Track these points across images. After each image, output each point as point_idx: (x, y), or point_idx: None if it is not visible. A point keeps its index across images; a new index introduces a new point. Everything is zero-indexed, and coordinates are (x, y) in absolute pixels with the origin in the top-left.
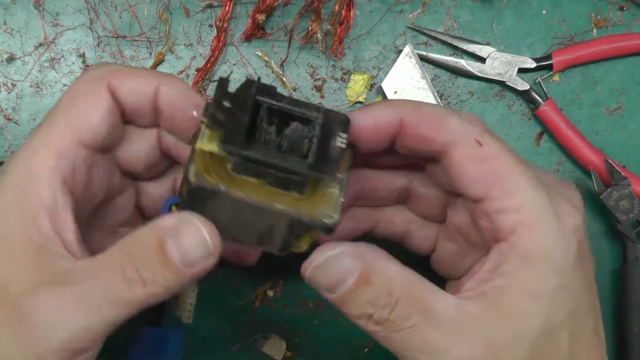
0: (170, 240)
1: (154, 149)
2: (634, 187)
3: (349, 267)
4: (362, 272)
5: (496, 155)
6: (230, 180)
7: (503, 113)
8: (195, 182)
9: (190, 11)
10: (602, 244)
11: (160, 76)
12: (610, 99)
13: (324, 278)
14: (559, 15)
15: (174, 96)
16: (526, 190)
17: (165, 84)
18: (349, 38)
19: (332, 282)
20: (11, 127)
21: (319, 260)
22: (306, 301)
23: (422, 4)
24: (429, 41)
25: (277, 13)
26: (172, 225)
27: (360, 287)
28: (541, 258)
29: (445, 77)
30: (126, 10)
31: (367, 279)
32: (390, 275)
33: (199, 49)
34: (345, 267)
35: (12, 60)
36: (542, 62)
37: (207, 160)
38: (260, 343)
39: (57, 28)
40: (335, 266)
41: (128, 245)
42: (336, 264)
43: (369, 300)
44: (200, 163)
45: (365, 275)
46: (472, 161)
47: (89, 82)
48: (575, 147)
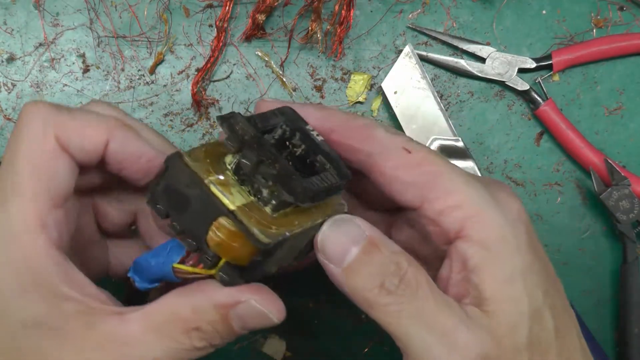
0: (236, 319)
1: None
2: (634, 187)
3: (357, 233)
4: (371, 239)
5: (425, 159)
6: (275, 221)
7: (503, 113)
8: (269, 241)
9: (190, 11)
10: (602, 244)
11: (107, 126)
12: (610, 99)
13: (333, 245)
14: (559, 15)
15: (123, 153)
16: (462, 186)
17: (114, 137)
18: (349, 38)
19: (341, 249)
20: (11, 127)
21: (330, 226)
22: (306, 301)
23: (422, 4)
24: (429, 41)
25: (277, 13)
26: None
27: (369, 254)
28: (498, 244)
29: (445, 77)
30: (126, 10)
31: (375, 244)
32: (396, 248)
33: (199, 49)
34: (354, 233)
35: (12, 60)
36: (542, 62)
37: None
38: (260, 343)
39: (57, 28)
40: (345, 232)
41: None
42: (345, 230)
43: (379, 267)
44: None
45: (373, 242)
46: (402, 168)
47: (37, 136)
48: (575, 147)
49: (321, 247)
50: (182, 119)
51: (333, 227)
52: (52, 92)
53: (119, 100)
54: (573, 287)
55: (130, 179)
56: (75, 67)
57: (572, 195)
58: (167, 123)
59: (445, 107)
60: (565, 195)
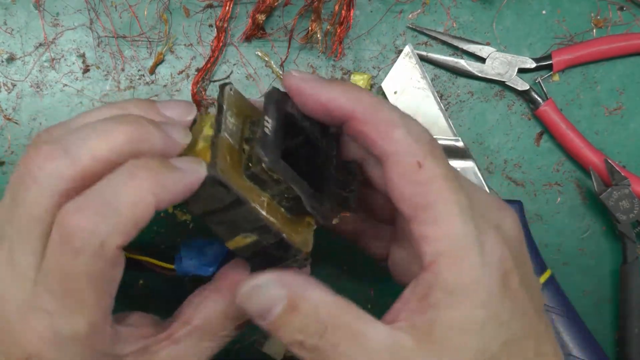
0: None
1: None
2: (634, 187)
3: (275, 295)
4: (289, 300)
5: (431, 180)
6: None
7: (503, 113)
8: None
9: (190, 11)
10: (602, 244)
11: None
12: (610, 99)
13: (254, 306)
14: (559, 15)
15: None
16: (452, 220)
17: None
18: (349, 38)
19: (261, 310)
20: (11, 127)
21: (246, 289)
22: None
23: (422, 4)
24: (429, 41)
25: (277, 13)
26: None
27: (288, 315)
28: (463, 292)
29: (445, 77)
30: (126, 10)
31: (295, 306)
32: (317, 302)
33: (199, 49)
34: (273, 296)
35: (12, 60)
36: (542, 62)
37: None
38: (260, 343)
39: (57, 28)
40: (263, 295)
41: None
42: (263, 293)
43: (299, 327)
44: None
45: (292, 302)
46: (406, 181)
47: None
48: (575, 147)
49: (241, 305)
50: None
51: (251, 289)
52: (52, 92)
53: (119, 100)
54: (573, 287)
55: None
56: (75, 67)
57: (572, 195)
58: None
59: (445, 107)
60: (565, 195)
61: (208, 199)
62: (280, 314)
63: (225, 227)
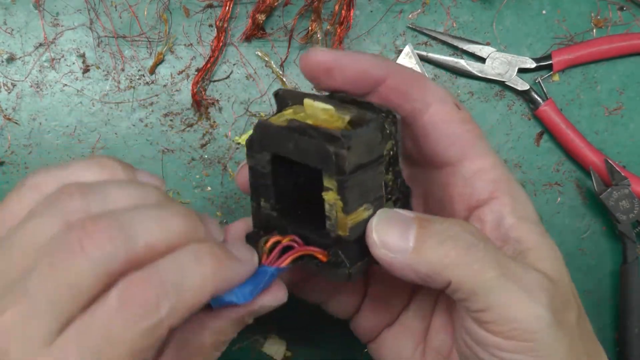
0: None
1: None
2: (634, 187)
3: (404, 217)
4: (418, 217)
5: (470, 118)
6: None
7: (503, 113)
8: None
9: (190, 11)
10: (602, 244)
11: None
12: (610, 99)
13: (391, 238)
14: (559, 15)
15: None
16: (492, 152)
17: None
18: (349, 38)
19: (399, 237)
20: (11, 127)
21: (377, 223)
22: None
23: (422, 4)
24: (429, 41)
25: (277, 13)
26: None
27: (427, 228)
28: (524, 203)
29: (445, 77)
30: (126, 10)
31: (427, 220)
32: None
33: (199, 49)
34: (403, 219)
35: (12, 60)
36: (542, 62)
37: None
38: (260, 343)
39: (57, 28)
40: (395, 222)
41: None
42: (394, 220)
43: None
44: None
45: (422, 218)
46: (453, 121)
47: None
48: (575, 147)
49: (381, 242)
50: (182, 119)
51: (383, 220)
52: (52, 92)
53: (119, 100)
54: None
55: None
56: (75, 67)
57: (572, 195)
58: (167, 123)
59: None
60: (565, 195)
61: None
62: (419, 231)
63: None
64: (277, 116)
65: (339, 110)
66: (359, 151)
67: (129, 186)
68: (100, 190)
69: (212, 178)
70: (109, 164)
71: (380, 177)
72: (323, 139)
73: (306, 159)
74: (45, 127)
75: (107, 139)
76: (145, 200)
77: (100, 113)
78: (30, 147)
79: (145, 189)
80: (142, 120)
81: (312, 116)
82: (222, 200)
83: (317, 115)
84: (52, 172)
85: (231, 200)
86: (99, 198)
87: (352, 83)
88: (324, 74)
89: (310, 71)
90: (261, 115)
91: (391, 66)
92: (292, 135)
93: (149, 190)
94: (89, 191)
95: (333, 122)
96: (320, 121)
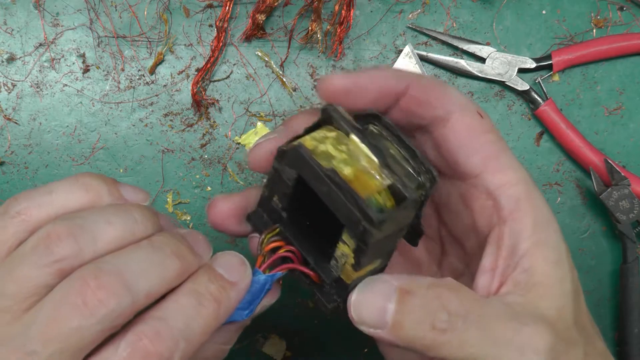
0: None
1: None
2: (634, 187)
3: (386, 288)
4: (401, 289)
5: (493, 128)
6: None
7: (503, 113)
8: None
9: (190, 11)
10: (602, 244)
11: None
12: (610, 99)
13: (369, 311)
14: (559, 15)
15: None
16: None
17: None
18: (349, 38)
19: (377, 311)
20: (11, 127)
21: (357, 294)
22: (306, 301)
23: (422, 4)
24: (429, 41)
25: (277, 13)
26: None
27: (406, 303)
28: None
29: (445, 77)
30: (126, 10)
31: (409, 292)
32: (429, 282)
33: (199, 49)
34: (384, 290)
35: (12, 60)
36: (542, 62)
37: None
38: (260, 343)
39: (57, 28)
40: (374, 294)
41: None
42: (374, 291)
43: (422, 311)
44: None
45: (404, 290)
46: (475, 131)
47: None
48: (575, 147)
49: (359, 319)
50: (182, 119)
51: (361, 295)
52: (52, 92)
53: (119, 100)
54: None
55: None
56: (75, 67)
57: (572, 195)
58: (167, 123)
59: None
60: (565, 195)
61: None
62: (397, 307)
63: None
64: (317, 138)
65: (383, 168)
66: (388, 229)
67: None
68: (89, 228)
69: (212, 178)
70: (93, 185)
71: (399, 237)
72: (357, 209)
73: (335, 209)
74: (45, 127)
75: (107, 139)
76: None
77: (100, 113)
78: (30, 147)
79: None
80: (142, 120)
81: (353, 156)
82: None
83: (358, 158)
84: (35, 198)
85: None
86: (88, 239)
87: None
88: (344, 98)
89: (328, 97)
90: (261, 116)
91: (410, 77)
92: (328, 183)
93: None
94: (78, 232)
95: (372, 179)
96: (359, 169)
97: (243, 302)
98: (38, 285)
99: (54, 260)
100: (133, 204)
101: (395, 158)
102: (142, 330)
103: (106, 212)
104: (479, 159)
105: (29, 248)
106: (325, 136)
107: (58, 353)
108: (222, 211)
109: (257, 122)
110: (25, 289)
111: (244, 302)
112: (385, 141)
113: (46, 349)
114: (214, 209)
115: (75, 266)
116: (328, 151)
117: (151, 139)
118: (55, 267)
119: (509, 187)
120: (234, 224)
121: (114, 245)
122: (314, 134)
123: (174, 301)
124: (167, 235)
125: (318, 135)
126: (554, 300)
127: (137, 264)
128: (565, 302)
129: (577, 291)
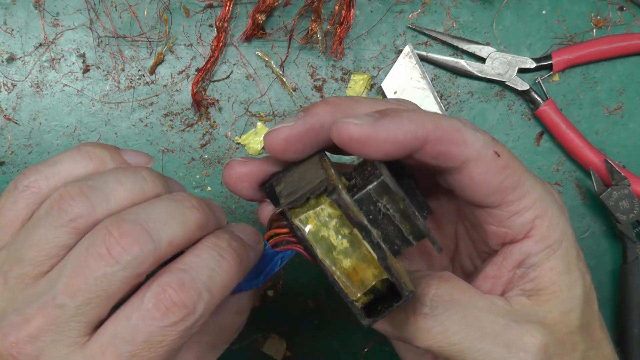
0: None
1: None
2: (634, 187)
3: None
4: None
5: (509, 162)
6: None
7: (503, 113)
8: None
9: (190, 11)
10: (602, 244)
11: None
12: (610, 99)
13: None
14: (559, 15)
15: None
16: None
17: None
18: (349, 38)
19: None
20: (11, 127)
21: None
22: (306, 301)
23: (422, 4)
24: (429, 41)
25: (277, 13)
26: None
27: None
28: (559, 239)
29: (445, 77)
30: (126, 10)
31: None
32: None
33: (199, 49)
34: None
35: (12, 60)
36: (542, 62)
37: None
38: (260, 343)
39: (57, 28)
40: None
41: None
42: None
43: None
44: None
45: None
46: (493, 172)
47: None
48: (575, 147)
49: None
50: (182, 119)
51: None
52: (52, 92)
53: (119, 100)
54: None
55: None
56: (75, 67)
57: (572, 195)
58: (167, 123)
59: (445, 107)
60: (565, 195)
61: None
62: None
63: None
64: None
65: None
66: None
67: (125, 177)
68: (100, 187)
69: (212, 178)
70: (96, 152)
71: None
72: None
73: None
74: (45, 127)
75: (107, 139)
76: (144, 189)
77: (100, 113)
78: (30, 147)
79: (140, 175)
80: (142, 120)
81: (355, 243)
82: (222, 200)
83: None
84: (42, 170)
85: (231, 200)
86: (101, 197)
87: (388, 156)
88: (358, 148)
89: (342, 145)
90: (261, 116)
91: (427, 128)
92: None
93: (144, 177)
94: (89, 191)
95: (368, 268)
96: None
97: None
98: (57, 245)
99: (69, 219)
100: (139, 166)
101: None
102: (167, 281)
103: (115, 172)
104: (496, 197)
105: (43, 212)
106: (330, 215)
107: (86, 304)
108: (237, 173)
109: (257, 122)
110: (44, 251)
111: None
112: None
113: (74, 300)
114: (230, 170)
115: (90, 224)
116: (330, 240)
117: (151, 139)
118: (71, 225)
119: (525, 212)
120: (246, 188)
121: (127, 202)
122: (318, 209)
123: (197, 255)
124: (186, 192)
125: (323, 212)
126: (558, 305)
127: (159, 214)
128: (572, 307)
129: (588, 296)
